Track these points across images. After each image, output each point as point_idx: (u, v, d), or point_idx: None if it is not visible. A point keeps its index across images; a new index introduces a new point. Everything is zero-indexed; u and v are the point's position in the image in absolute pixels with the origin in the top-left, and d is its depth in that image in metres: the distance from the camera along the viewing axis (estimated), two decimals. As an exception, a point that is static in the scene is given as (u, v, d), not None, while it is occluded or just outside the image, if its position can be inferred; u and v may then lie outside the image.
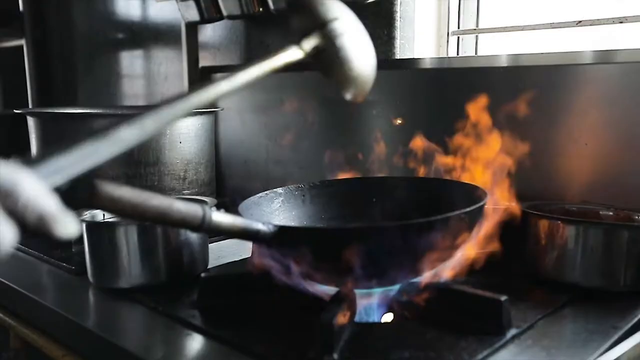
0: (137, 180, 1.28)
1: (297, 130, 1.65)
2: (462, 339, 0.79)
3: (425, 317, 0.86)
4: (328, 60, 0.83)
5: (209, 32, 1.96)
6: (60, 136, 1.34)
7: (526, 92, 1.18)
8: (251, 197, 1.02)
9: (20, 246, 1.28)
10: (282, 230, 0.82)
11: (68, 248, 1.19)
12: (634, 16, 1.18)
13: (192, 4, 1.73)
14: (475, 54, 1.53)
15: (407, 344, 0.78)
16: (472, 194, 0.96)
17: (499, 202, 1.04)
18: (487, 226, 0.99)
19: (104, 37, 2.49)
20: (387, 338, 0.81)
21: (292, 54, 0.79)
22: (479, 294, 0.83)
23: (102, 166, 0.58)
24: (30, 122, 1.36)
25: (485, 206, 1.01)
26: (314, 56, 0.82)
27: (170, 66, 2.15)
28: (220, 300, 0.94)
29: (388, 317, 0.90)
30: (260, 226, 0.80)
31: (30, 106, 2.61)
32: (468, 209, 0.84)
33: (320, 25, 0.82)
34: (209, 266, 1.11)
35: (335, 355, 0.74)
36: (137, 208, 0.66)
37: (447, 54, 1.52)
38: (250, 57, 1.84)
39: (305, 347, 0.76)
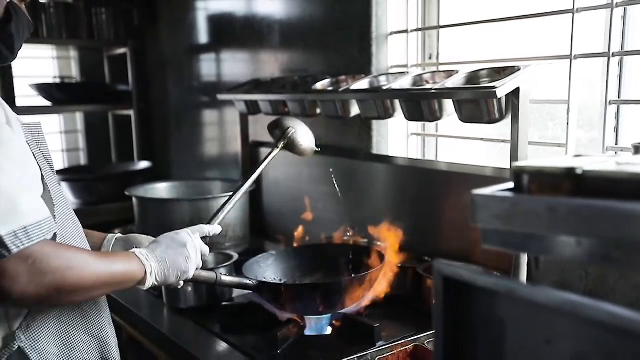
0: (197, 238, 2.02)
1: (312, 194, 2.34)
2: (352, 346, 1.46)
3: (340, 333, 1.54)
4: (291, 145, 1.71)
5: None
6: (155, 211, 2.13)
7: (454, 186, 1.80)
8: (254, 257, 1.73)
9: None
10: (261, 283, 1.53)
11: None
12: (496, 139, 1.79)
13: (243, 103, 2.49)
14: (436, 150, 2.14)
15: (321, 348, 1.47)
16: (381, 257, 1.61)
17: (403, 262, 1.69)
18: (393, 277, 1.65)
19: (189, 102, 3.30)
20: (314, 345, 1.50)
21: (275, 151, 1.67)
22: (364, 322, 1.50)
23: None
24: (134, 200, 2.15)
25: (398, 265, 1.67)
26: (285, 146, 1.71)
27: (234, 115, 2.84)
28: (234, 319, 1.65)
29: (326, 332, 1.58)
30: (248, 281, 1.51)
31: (135, 157, 3.46)
32: (367, 272, 1.51)
33: (284, 131, 1.69)
34: (234, 295, 1.83)
35: (278, 351, 1.44)
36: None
37: (407, 151, 2.15)
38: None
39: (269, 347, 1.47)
